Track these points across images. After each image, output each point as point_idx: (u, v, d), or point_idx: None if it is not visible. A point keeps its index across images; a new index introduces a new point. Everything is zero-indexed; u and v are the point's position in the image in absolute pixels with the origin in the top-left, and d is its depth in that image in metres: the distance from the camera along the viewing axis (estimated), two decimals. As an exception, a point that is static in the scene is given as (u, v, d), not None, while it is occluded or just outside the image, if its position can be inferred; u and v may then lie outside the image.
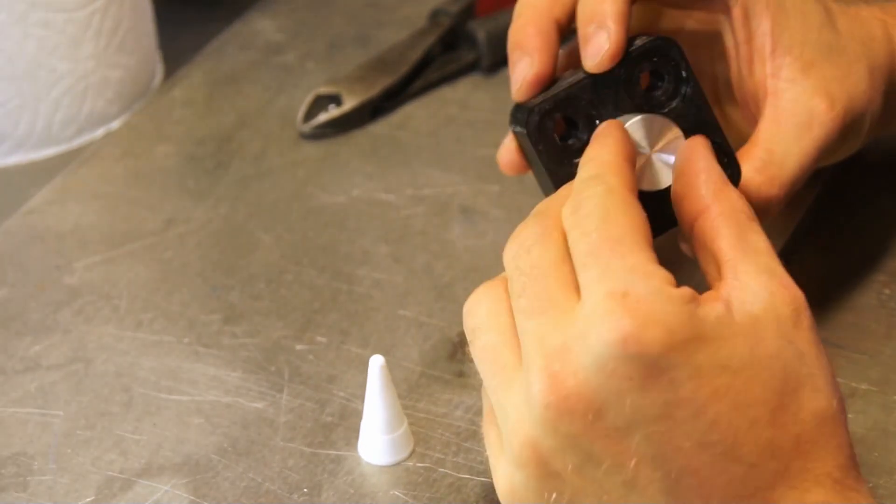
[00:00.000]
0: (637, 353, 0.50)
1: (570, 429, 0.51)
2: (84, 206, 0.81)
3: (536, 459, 0.52)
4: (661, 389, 0.50)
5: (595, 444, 0.51)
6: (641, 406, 0.50)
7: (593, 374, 0.50)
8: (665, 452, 0.50)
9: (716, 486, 0.50)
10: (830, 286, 0.71)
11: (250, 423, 0.66)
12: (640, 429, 0.50)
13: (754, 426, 0.51)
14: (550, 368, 0.51)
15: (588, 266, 0.52)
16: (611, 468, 0.51)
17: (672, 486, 0.50)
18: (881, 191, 0.77)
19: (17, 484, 0.64)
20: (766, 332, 0.52)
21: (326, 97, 0.86)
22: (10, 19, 0.82)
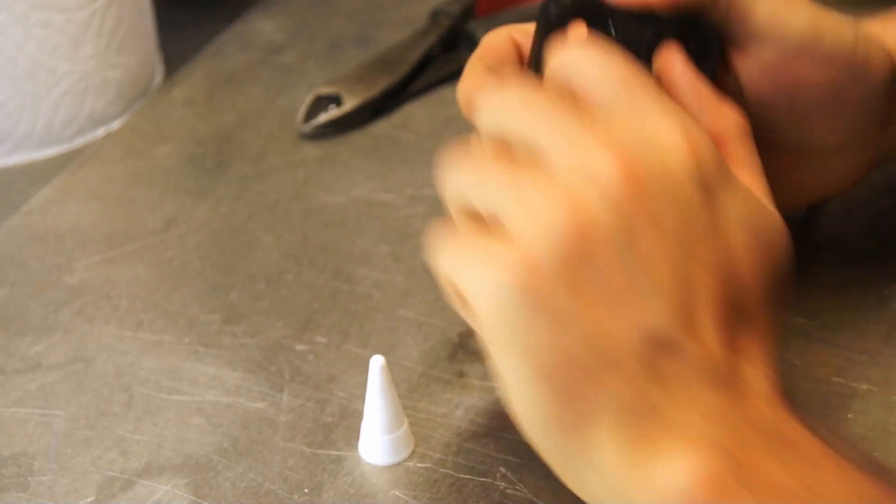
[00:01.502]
0: (698, 173, 0.54)
1: (626, 205, 0.52)
2: (84, 206, 0.81)
3: (580, 227, 0.52)
4: (704, 210, 0.54)
5: (640, 228, 0.53)
6: (686, 213, 0.54)
7: (659, 169, 0.53)
8: (688, 261, 0.53)
9: (717, 313, 0.54)
10: (830, 286, 0.71)
11: (250, 423, 0.66)
12: (678, 231, 0.53)
13: (755, 286, 0.55)
14: (615, 152, 0.53)
15: (633, 90, 0.55)
16: (641, 255, 0.53)
17: (683, 293, 0.53)
18: (881, 191, 0.77)
19: (18, 484, 0.64)
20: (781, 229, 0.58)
21: (326, 97, 0.86)
22: (10, 19, 0.82)
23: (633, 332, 0.52)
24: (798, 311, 0.70)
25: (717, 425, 0.52)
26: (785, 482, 0.51)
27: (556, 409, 0.53)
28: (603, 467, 0.53)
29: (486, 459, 0.63)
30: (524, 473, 0.62)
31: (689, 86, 0.59)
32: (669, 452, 0.52)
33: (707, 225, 0.54)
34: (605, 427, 0.53)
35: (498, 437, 0.64)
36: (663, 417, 0.52)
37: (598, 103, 0.55)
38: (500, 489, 0.62)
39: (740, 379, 0.54)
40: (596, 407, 0.53)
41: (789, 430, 0.53)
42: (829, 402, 0.65)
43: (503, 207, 0.53)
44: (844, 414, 0.64)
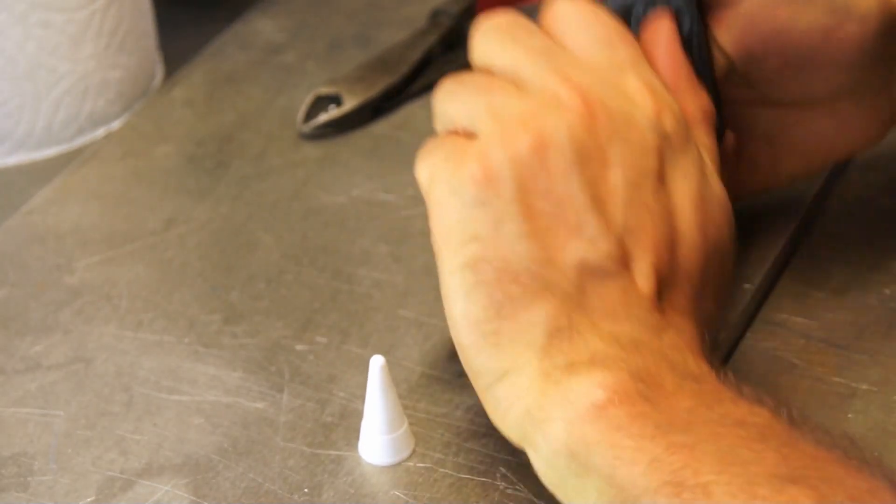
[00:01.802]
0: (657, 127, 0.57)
1: (585, 137, 0.56)
2: (84, 206, 0.81)
3: (536, 143, 0.56)
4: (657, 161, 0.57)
5: (590, 162, 0.56)
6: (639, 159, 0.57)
7: (619, 113, 0.57)
8: (635, 203, 0.56)
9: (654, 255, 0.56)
10: (830, 286, 0.71)
11: (251, 423, 0.66)
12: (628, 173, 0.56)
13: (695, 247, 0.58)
14: (580, 91, 0.57)
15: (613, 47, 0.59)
16: (590, 183, 0.56)
17: (625, 230, 0.56)
18: (881, 191, 0.77)
19: (18, 484, 0.64)
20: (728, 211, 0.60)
21: (326, 97, 0.86)
22: (10, 19, 0.82)
23: (573, 258, 0.55)
24: (798, 311, 0.70)
25: (632, 353, 0.55)
26: (688, 406, 0.53)
27: (487, 321, 0.56)
28: (521, 388, 0.55)
29: (486, 459, 0.63)
30: (524, 473, 0.62)
31: (670, 62, 0.62)
32: (583, 372, 0.54)
33: (658, 175, 0.57)
34: (529, 347, 0.55)
35: (498, 437, 0.64)
36: (585, 343, 0.55)
37: (581, 52, 0.59)
38: (500, 489, 0.62)
39: (664, 324, 0.56)
40: (524, 327, 0.55)
41: (702, 369, 0.55)
42: (829, 402, 0.65)
43: (475, 115, 0.58)
44: (844, 414, 0.64)
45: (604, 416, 0.52)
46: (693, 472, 0.50)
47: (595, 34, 0.60)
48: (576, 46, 0.59)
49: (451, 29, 0.91)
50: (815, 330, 0.69)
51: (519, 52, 0.59)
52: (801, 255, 0.73)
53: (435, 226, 0.58)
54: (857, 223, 0.75)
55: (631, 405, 0.53)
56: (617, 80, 0.58)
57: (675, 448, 0.51)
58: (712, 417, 0.52)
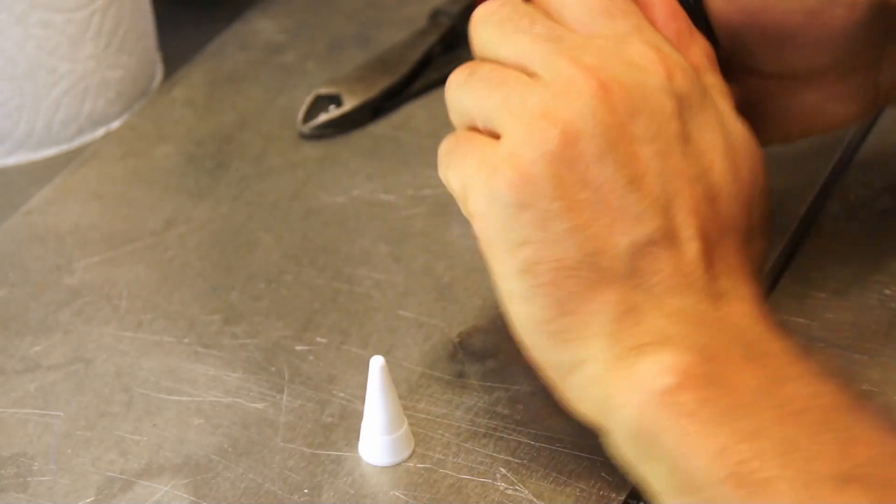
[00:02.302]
0: (668, 87, 0.57)
1: (608, 119, 0.56)
2: (84, 206, 0.81)
3: (563, 137, 0.56)
4: (678, 124, 0.57)
5: (623, 141, 0.56)
6: (663, 126, 0.57)
7: (634, 87, 0.57)
8: (669, 171, 0.56)
9: (696, 219, 0.56)
10: (830, 286, 0.71)
11: (250, 424, 0.66)
12: (658, 143, 0.57)
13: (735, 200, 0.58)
14: (596, 74, 0.57)
15: (617, 16, 0.59)
16: (625, 166, 0.56)
17: (665, 200, 0.56)
18: (881, 191, 0.77)
19: (18, 484, 0.64)
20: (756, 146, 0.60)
21: (326, 97, 0.86)
22: (10, 19, 0.82)
23: (623, 241, 0.56)
24: (798, 311, 0.70)
25: (696, 328, 0.55)
26: (754, 387, 0.53)
27: (551, 320, 0.56)
28: (594, 376, 0.56)
29: (486, 460, 0.63)
30: (524, 474, 0.62)
31: (667, 15, 0.61)
32: (652, 353, 0.54)
33: (683, 137, 0.57)
34: (597, 337, 0.56)
35: (498, 437, 0.64)
36: (650, 322, 0.55)
37: (583, 28, 0.59)
38: (500, 489, 0.62)
39: (720, 287, 0.56)
40: (589, 319, 0.56)
41: (766, 339, 0.55)
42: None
43: (494, 114, 0.58)
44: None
45: (672, 402, 0.53)
46: (758, 464, 0.50)
47: (591, 7, 0.59)
48: (576, 24, 0.59)
49: (451, 29, 0.90)
50: (815, 330, 0.69)
51: (523, 41, 0.59)
52: (801, 256, 0.73)
53: (481, 235, 0.58)
54: (857, 223, 0.75)
55: (698, 390, 0.53)
56: (624, 51, 0.58)
57: (740, 436, 0.51)
58: (777, 402, 0.52)
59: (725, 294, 0.56)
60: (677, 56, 0.59)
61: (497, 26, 0.60)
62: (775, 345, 0.55)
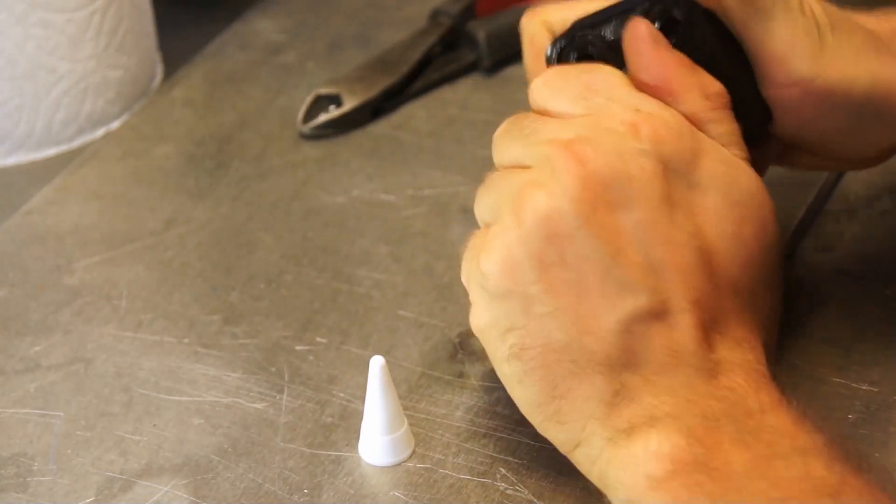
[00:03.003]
0: (650, 150, 0.56)
1: (582, 196, 0.55)
2: (84, 206, 0.81)
3: (540, 220, 0.55)
4: (662, 185, 0.55)
5: (598, 214, 0.55)
6: (643, 193, 0.55)
7: (613, 157, 0.55)
8: (652, 240, 0.55)
9: (686, 289, 0.55)
10: (830, 286, 0.71)
11: (250, 424, 0.66)
12: (636, 212, 0.55)
13: (731, 260, 0.56)
14: (570, 149, 0.56)
15: (588, 97, 0.58)
16: (604, 240, 0.55)
17: (649, 273, 0.55)
18: (881, 191, 0.77)
19: (17, 485, 0.64)
20: (765, 194, 0.58)
21: (326, 97, 0.86)
22: (10, 19, 0.82)
23: (608, 320, 0.55)
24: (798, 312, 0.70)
25: (687, 406, 0.54)
26: (742, 471, 0.53)
27: (545, 403, 0.56)
28: (592, 455, 0.56)
29: (486, 460, 0.63)
30: (524, 474, 0.62)
31: (655, 62, 0.60)
32: (642, 437, 0.54)
33: (668, 200, 0.56)
34: (591, 419, 0.56)
35: (498, 437, 0.64)
36: (640, 403, 0.55)
37: (566, 114, 0.58)
38: (500, 490, 0.62)
39: (716, 357, 0.55)
40: (581, 403, 0.56)
41: (758, 411, 0.55)
42: (830, 402, 0.65)
43: (492, 211, 0.58)
44: (845, 414, 0.64)
45: (660, 488, 0.53)
46: None
47: (569, 93, 0.59)
48: (560, 112, 0.59)
49: (451, 29, 0.90)
50: (815, 330, 0.69)
51: (517, 145, 0.59)
52: (801, 255, 0.73)
53: (473, 324, 0.58)
54: (857, 223, 0.75)
55: (687, 475, 0.53)
56: (601, 120, 0.57)
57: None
58: (765, 485, 0.52)
59: (721, 364, 0.55)
60: (662, 112, 0.57)
61: (499, 140, 0.60)
62: (767, 417, 0.54)
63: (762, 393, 0.55)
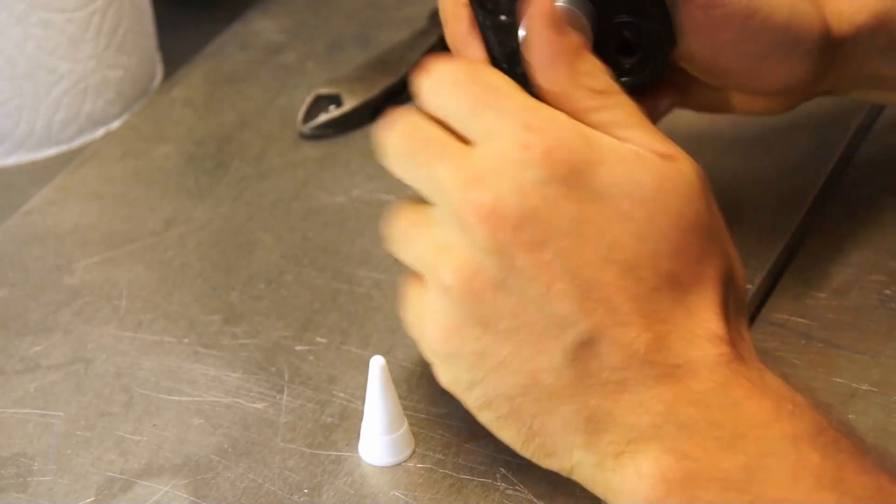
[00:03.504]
0: (548, 175, 0.54)
1: (493, 244, 0.54)
2: (84, 206, 0.81)
3: (460, 278, 0.55)
4: (568, 207, 0.54)
5: (518, 257, 0.54)
6: (553, 222, 0.54)
7: (511, 194, 0.54)
8: (575, 266, 0.54)
9: (621, 300, 0.54)
10: (830, 286, 0.71)
11: (250, 424, 0.66)
12: (553, 243, 0.54)
13: (656, 256, 0.55)
14: (469, 194, 0.55)
15: (479, 114, 0.56)
16: (531, 280, 0.54)
17: (582, 297, 0.54)
18: (881, 191, 0.77)
19: (17, 484, 0.64)
20: (674, 178, 0.56)
21: (326, 97, 0.86)
22: (10, 19, 0.82)
23: (555, 354, 0.55)
24: (798, 311, 0.70)
25: (664, 420, 0.54)
26: (737, 475, 0.53)
27: (527, 442, 0.56)
28: (587, 479, 0.56)
29: (486, 460, 0.63)
30: (524, 474, 0.62)
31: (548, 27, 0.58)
32: (631, 462, 0.54)
33: (579, 219, 0.55)
34: (577, 446, 0.55)
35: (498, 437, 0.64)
36: (616, 425, 0.54)
37: (457, 129, 0.57)
38: (500, 490, 0.62)
39: (674, 361, 0.55)
40: (559, 436, 0.55)
41: (735, 406, 0.54)
42: (830, 402, 0.65)
43: (416, 262, 0.58)
44: (844, 414, 0.64)
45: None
46: None
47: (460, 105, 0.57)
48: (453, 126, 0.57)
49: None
50: (815, 330, 0.69)
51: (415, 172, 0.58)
52: (801, 256, 0.73)
53: (439, 380, 0.58)
54: (857, 223, 0.75)
55: (683, 491, 0.53)
56: (494, 152, 0.55)
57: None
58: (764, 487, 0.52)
59: (683, 365, 0.54)
60: (552, 127, 0.55)
61: (396, 160, 0.59)
62: (746, 409, 0.54)
63: (732, 386, 0.54)
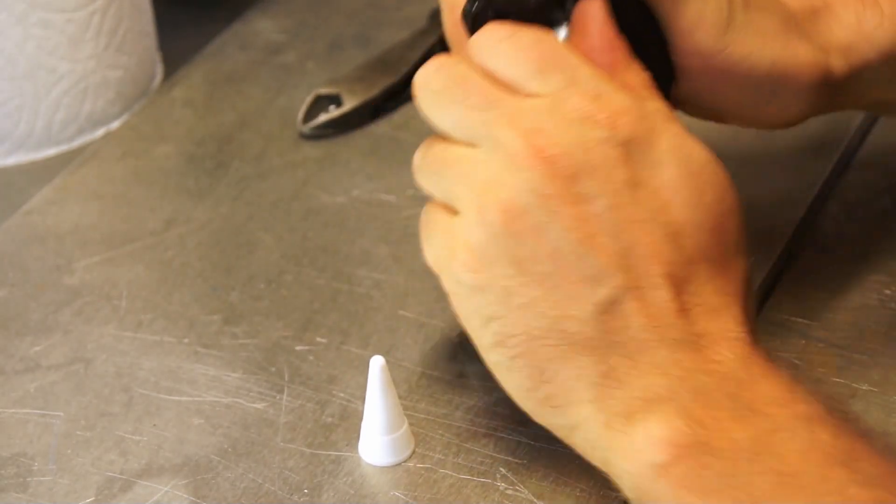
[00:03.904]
0: (610, 136, 0.56)
1: (547, 189, 0.55)
2: (84, 206, 0.81)
3: (506, 214, 0.56)
4: (625, 170, 0.56)
5: (564, 207, 0.55)
6: (608, 180, 0.56)
7: (574, 147, 0.56)
8: (621, 223, 0.56)
9: (658, 264, 0.56)
10: (830, 286, 0.71)
11: (250, 424, 0.66)
12: (603, 199, 0.55)
13: (699, 228, 0.57)
14: (530, 139, 0.56)
15: (545, 74, 0.57)
16: (574, 230, 0.55)
17: (622, 255, 0.55)
18: (881, 191, 0.77)
19: (17, 484, 0.64)
20: (718, 163, 0.58)
21: (326, 97, 0.86)
22: (10, 19, 0.82)
23: (586, 304, 0.55)
24: (798, 312, 0.70)
25: (679, 384, 0.54)
26: (747, 448, 0.53)
27: (534, 388, 0.56)
28: (591, 439, 0.56)
29: (486, 460, 0.63)
30: (524, 474, 0.62)
31: (605, 45, 0.60)
32: (641, 423, 0.54)
33: (633, 183, 0.56)
34: (583, 403, 0.55)
35: (498, 437, 0.64)
36: (631, 384, 0.55)
37: (518, 87, 0.58)
38: (500, 490, 0.62)
39: (699, 328, 0.56)
40: (570, 385, 0.56)
41: (752, 381, 0.55)
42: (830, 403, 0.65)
43: (448, 196, 0.58)
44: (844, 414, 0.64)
45: (667, 474, 0.53)
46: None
47: (524, 65, 0.58)
48: (511, 84, 0.58)
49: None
50: (815, 330, 0.69)
51: (459, 114, 0.58)
52: (801, 256, 0.73)
53: (456, 312, 0.58)
54: (857, 223, 0.75)
55: (691, 458, 0.53)
56: (561, 108, 0.57)
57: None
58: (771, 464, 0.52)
59: (705, 336, 0.55)
60: (618, 96, 0.57)
61: (434, 98, 0.59)
62: (761, 387, 0.54)
63: (750, 363, 0.55)
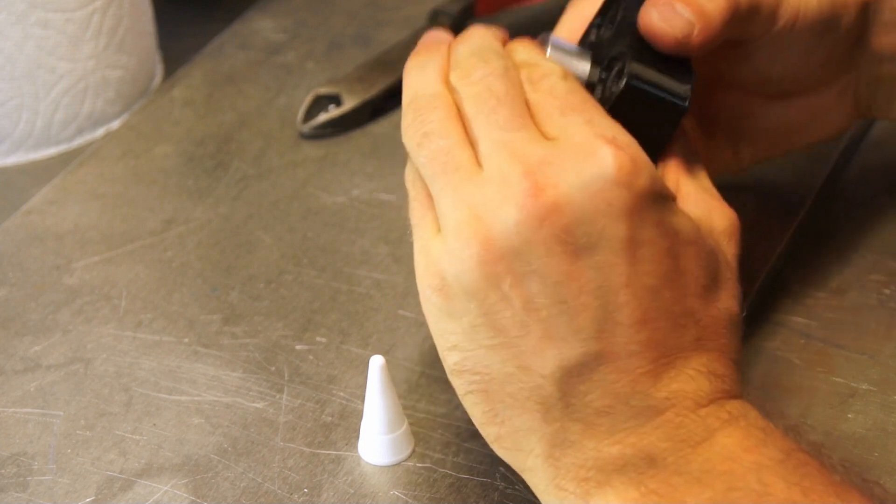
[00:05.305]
0: (627, 184, 0.52)
1: (535, 235, 0.52)
2: (84, 206, 0.81)
3: (484, 254, 0.53)
4: (630, 225, 0.53)
5: (551, 258, 0.52)
6: (609, 233, 0.52)
7: (576, 190, 0.52)
8: (609, 285, 0.52)
9: (638, 331, 0.53)
10: (830, 286, 0.71)
11: (250, 424, 0.66)
12: (597, 255, 0.52)
13: (684, 293, 0.54)
14: (532, 176, 0.52)
15: (569, 112, 0.55)
16: (557, 283, 0.52)
17: (603, 319, 0.53)
18: (880, 191, 0.77)
19: (17, 484, 0.64)
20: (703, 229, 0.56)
21: (326, 97, 0.86)
22: (10, 19, 0.82)
23: (550, 363, 0.53)
24: (798, 311, 0.70)
25: (633, 454, 0.53)
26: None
27: (487, 424, 0.55)
28: (543, 490, 0.55)
29: (485, 459, 0.63)
30: (524, 474, 0.62)
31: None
32: (598, 492, 0.53)
33: (632, 241, 0.53)
34: (534, 455, 0.55)
35: (498, 437, 0.64)
36: (583, 448, 0.53)
37: (540, 118, 0.55)
38: (499, 489, 0.62)
39: (663, 394, 0.53)
40: (523, 435, 0.54)
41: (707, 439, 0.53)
42: (829, 402, 0.65)
43: (437, 199, 0.55)
44: (844, 414, 0.64)
45: None
46: None
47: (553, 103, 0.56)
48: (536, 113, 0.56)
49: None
50: (815, 330, 0.69)
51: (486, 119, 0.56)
52: (801, 256, 0.73)
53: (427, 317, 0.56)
54: (856, 223, 0.75)
55: None
56: (572, 142, 0.54)
57: None
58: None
59: (671, 398, 0.53)
60: (637, 148, 0.54)
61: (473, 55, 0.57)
62: (717, 441, 0.53)
63: (710, 415, 0.54)
